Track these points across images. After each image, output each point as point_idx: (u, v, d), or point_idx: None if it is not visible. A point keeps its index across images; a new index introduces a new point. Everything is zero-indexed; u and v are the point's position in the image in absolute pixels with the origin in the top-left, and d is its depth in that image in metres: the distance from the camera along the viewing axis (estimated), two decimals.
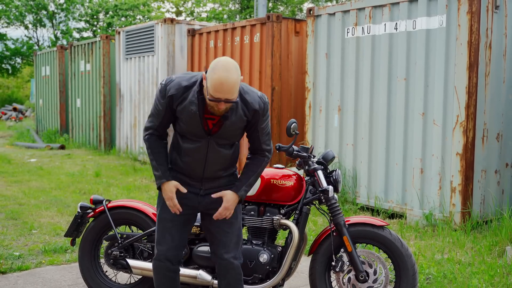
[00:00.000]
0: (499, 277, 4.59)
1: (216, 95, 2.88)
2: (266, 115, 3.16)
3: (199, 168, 3.16)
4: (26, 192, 8.28)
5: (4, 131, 20.22)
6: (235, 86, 2.90)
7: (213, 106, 2.95)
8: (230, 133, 3.11)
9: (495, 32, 6.24)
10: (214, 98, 2.89)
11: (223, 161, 3.18)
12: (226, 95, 2.88)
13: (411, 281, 3.52)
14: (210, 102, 2.94)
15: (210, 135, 3.09)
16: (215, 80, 2.86)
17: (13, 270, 4.82)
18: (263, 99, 3.14)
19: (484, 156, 6.29)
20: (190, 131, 3.10)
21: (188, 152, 3.14)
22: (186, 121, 3.06)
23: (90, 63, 14.11)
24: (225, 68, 2.87)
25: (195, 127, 3.06)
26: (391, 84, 6.86)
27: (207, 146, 3.10)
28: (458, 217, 6.12)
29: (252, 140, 3.23)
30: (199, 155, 3.12)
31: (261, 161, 3.25)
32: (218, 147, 3.12)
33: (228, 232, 3.23)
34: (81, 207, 4.05)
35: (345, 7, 7.40)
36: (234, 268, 3.24)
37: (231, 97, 2.90)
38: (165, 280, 3.31)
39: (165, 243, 3.24)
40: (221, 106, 2.93)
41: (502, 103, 6.41)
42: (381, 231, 3.58)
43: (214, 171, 3.18)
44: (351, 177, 7.32)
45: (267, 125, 3.20)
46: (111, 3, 35.69)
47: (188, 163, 3.16)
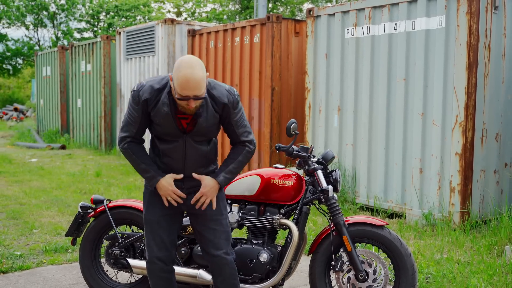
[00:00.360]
0: (498, 276, 4.59)
1: (184, 92, 2.90)
2: (237, 108, 3.15)
3: (179, 167, 3.16)
4: (27, 192, 8.28)
5: (5, 131, 20.23)
6: (201, 82, 2.91)
7: (183, 105, 2.97)
8: (205, 129, 3.11)
9: (494, 32, 6.24)
10: (182, 96, 2.91)
11: (202, 158, 3.17)
12: (193, 91, 2.90)
13: (410, 281, 3.52)
14: (179, 101, 2.95)
15: (186, 134, 3.09)
16: (181, 78, 2.88)
17: (14, 269, 4.82)
18: (232, 92, 3.14)
19: (483, 156, 6.29)
20: (165, 132, 3.10)
21: (167, 152, 3.14)
22: (160, 123, 3.07)
23: (90, 63, 14.11)
24: (189, 65, 2.89)
25: (169, 127, 3.07)
26: (391, 85, 6.86)
27: (184, 144, 3.11)
28: (457, 217, 6.12)
29: (229, 133, 3.25)
30: (177, 154, 3.13)
31: (241, 149, 3.24)
32: (195, 144, 3.13)
33: (215, 229, 3.22)
34: (82, 207, 4.05)
35: (344, 7, 7.40)
36: (227, 263, 3.23)
37: (199, 93, 2.92)
38: (160, 282, 3.29)
39: (155, 245, 3.23)
40: (191, 104, 2.94)
41: (501, 103, 6.41)
42: (381, 230, 3.58)
43: (194, 168, 3.17)
44: (351, 177, 7.32)
45: (240, 118, 3.19)
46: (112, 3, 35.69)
47: (167, 164, 3.17)
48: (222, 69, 9.63)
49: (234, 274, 3.28)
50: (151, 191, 3.24)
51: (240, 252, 3.63)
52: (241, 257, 3.62)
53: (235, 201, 3.77)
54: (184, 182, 3.20)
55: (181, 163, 3.15)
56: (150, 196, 3.25)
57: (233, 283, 3.29)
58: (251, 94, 9.08)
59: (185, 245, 3.76)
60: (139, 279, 4.07)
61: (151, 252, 3.25)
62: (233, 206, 3.73)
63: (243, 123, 3.22)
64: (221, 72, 9.64)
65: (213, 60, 9.85)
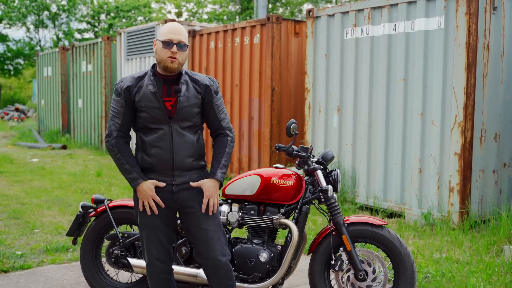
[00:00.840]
0: (497, 275, 4.59)
1: (168, 36, 3.04)
2: (218, 94, 3.24)
3: (168, 156, 3.12)
4: (28, 192, 8.28)
5: (6, 131, 20.23)
6: (184, 31, 3.10)
7: (166, 58, 3.05)
8: (188, 111, 3.12)
9: (493, 33, 6.24)
10: (167, 39, 3.04)
11: (189, 147, 3.15)
12: (177, 35, 3.05)
13: (409, 280, 3.52)
14: (164, 51, 3.04)
15: (171, 119, 3.10)
16: (166, 26, 3.09)
17: (15, 269, 4.82)
18: (212, 78, 3.27)
19: (482, 156, 6.29)
20: (151, 117, 3.11)
21: (154, 143, 3.13)
22: (147, 106, 3.09)
23: (91, 64, 14.11)
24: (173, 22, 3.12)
25: (156, 110, 3.09)
26: (390, 85, 6.86)
27: (170, 131, 3.11)
28: (456, 217, 6.12)
29: (211, 120, 3.25)
30: (165, 143, 3.11)
31: (225, 141, 3.26)
32: (181, 130, 3.13)
33: (208, 230, 3.17)
34: (83, 207, 4.05)
35: (344, 8, 7.40)
36: (222, 266, 3.19)
37: (182, 39, 3.07)
38: (160, 283, 3.27)
39: (154, 247, 3.21)
40: (174, 50, 3.04)
41: (500, 103, 6.41)
42: (380, 230, 3.58)
43: (183, 158, 3.14)
44: (350, 176, 7.32)
45: (221, 103, 3.26)
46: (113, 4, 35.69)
47: (156, 155, 3.13)
48: (222, 69, 9.63)
49: (230, 276, 3.23)
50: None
51: (240, 252, 3.63)
52: (241, 257, 3.62)
53: (235, 201, 3.77)
54: (174, 178, 3.16)
55: (169, 152, 3.12)
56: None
57: (229, 284, 3.24)
58: (251, 94, 9.08)
59: (185, 245, 3.75)
60: (139, 279, 4.07)
61: (150, 255, 3.22)
62: (233, 205, 3.73)
63: (224, 109, 3.28)
64: (221, 72, 9.64)
65: (213, 60, 9.85)
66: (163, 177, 3.16)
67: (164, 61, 3.06)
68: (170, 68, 3.07)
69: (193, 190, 3.19)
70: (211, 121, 3.25)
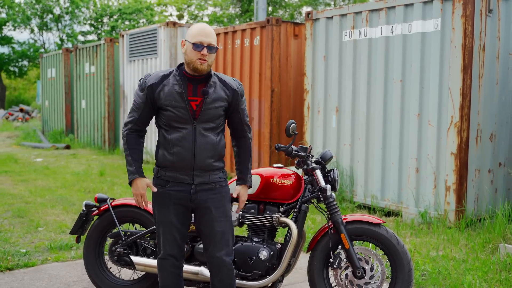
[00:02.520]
0: (493, 273, 4.59)
1: (199, 38, 3.03)
2: (243, 97, 3.27)
3: (189, 156, 3.12)
4: (33, 191, 8.28)
5: (11, 132, 20.22)
6: (213, 33, 3.09)
7: (195, 60, 3.04)
8: (212, 113, 3.12)
9: (489, 35, 6.24)
10: (197, 42, 3.02)
11: (211, 148, 3.15)
12: (207, 38, 3.04)
13: (406, 277, 3.52)
14: (194, 53, 3.03)
15: (195, 119, 3.10)
16: (196, 27, 3.08)
17: (19, 266, 4.82)
18: (239, 82, 3.28)
19: (478, 156, 6.29)
20: (176, 117, 3.10)
21: (176, 142, 3.12)
22: (173, 105, 3.09)
23: (94, 65, 14.11)
24: (201, 23, 3.11)
25: (181, 110, 3.09)
26: (388, 86, 6.86)
27: (193, 132, 3.11)
28: (453, 215, 6.12)
29: (236, 123, 3.29)
30: (187, 143, 3.11)
31: (247, 145, 3.36)
32: (204, 132, 3.13)
33: (218, 231, 3.21)
34: (86, 205, 4.05)
35: (342, 11, 7.40)
36: (226, 265, 3.23)
37: (212, 42, 3.06)
38: (170, 277, 3.29)
39: (168, 244, 3.23)
40: (204, 52, 3.03)
41: (495, 104, 6.41)
42: (378, 228, 3.58)
43: (204, 158, 3.14)
44: (349, 176, 7.32)
45: (245, 107, 3.31)
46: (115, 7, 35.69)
47: (177, 154, 3.13)
48: (223, 71, 9.63)
49: (231, 275, 3.28)
50: (162, 192, 3.22)
51: (240, 250, 3.63)
52: (241, 255, 3.62)
53: (236, 200, 3.76)
54: (194, 178, 3.16)
55: (190, 152, 3.11)
56: (162, 198, 3.23)
57: (230, 283, 3.28)
58: (251, 95, 9.08)
59: (187, 243, 3.75)
60: (141, 276, 4.07)
61: (164, 250, 3.26)
62: (234, 204, 3.72)
63: (247, 113, 3.33)
64: (222, 73, 9.62)
65: (214, 62, 9.83)
66: (183, 176, 3.17)
67: (194, 62, 3.06)
68: (199, 70, 3.07)
69: (211, 192, 3.20)
70: (236, 123, 3.30)
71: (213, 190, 3.20)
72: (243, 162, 3.35)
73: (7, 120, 25.58)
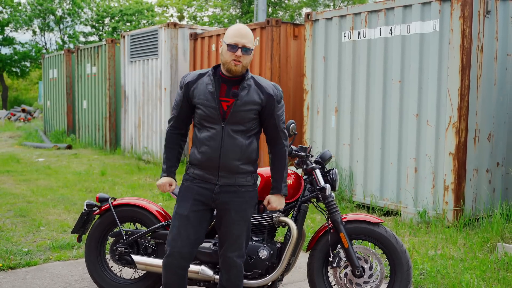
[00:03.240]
0: (491, 272, 4.59)
1: (234, 39, 3.04)
2: (281, 103, 3.22)
3: (215, 156, 3.11)
4: (34, 191, 8.28)
5: (13, 132, 20.22)
6: (250, 35, 3.09)
7: (230, 61, 3.04)
8: (242, 115, 3.10)
9: (487, 36, 6.24)
10: (232, 43, 3.03)
11: (238, 150, 3.12)
12: (243, 39, 3.04)
13: (405, 276, 3.52)
14: (229, 54, 3.04)
15: (224, 120, 3.10)
16: (233, 28, 3.10)
17: (22, 265, 4.82)
18: (277, 87, 3.24)
19: (476, 156, 6.29)
20: (207, 115, 3.11)
21: (205, 141, 3.13)
22: (204, 104, 3.11)
23: (96, 66, 14.11)
24: (239, 24, 3.13)
25: (211, 109, 3.09)
26: (386, 86, 6.86)
27: (222, 132, 3.10)
28: (451, 215, 6.12)
29: (270, 128, 3.23)
30: (215, 142, 3.11)
31: (284, 152, 3.29)
32: (232, 134, 3.11)
33: (234, 234, 3.21)
34: (88, 205, 4.05)
35: (342, 12, 7.40)
36: (236, 266, 3.25)
37: (248, 43, 3.05)
38: (175, 278, 3.23)
39: (181, 240, 3.16)
40: (238, 53, 3.03)
41: (493, 104, 6.41)
42: (377, 228, 3.58)
43: (230, 160, 3.12)
44: (348, 176, 7.32)
45: (283, 113, 3.25)
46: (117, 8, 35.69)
47: (204, 153, 3.14)
48: None
49: (240, 276, 3.30)
50: (186, 186, 3.22)
51: None
52: None
53: None
54: (219, 178, 3.15)
55: (217, 152, 3.11)
56: (185, 191, 3.22)
57: (237, 284, 3.30)
58: None
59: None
60: (142, 275, 4.07)
61: (174, 246, 3.17)
62: None
63: (284, 118, 3.28)
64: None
65: (214, 62, 9.84)
66: (209, 175, 3.17)
67: (228, 63, 3.06)
68: (233, 71, 3.08)
69: (233, 194, 3.18)
70: (270, 129, 3.25)
71: (237, 193, 3.18)
72: (277, 171, 3.28)
73: (9, 120, 25.57)
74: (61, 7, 35.54)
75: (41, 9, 35.09)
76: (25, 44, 36.55)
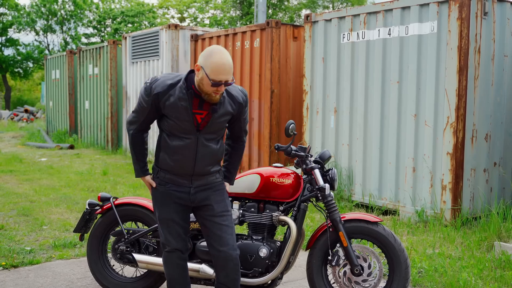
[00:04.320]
0: (488, 270, 4.59)
1: (219, 77, 2.91)
2: (247, 106, 3.27)
3: (189, 165, 3.13)
4: (37, 190, 8.28)
5: (16, 132, 20.22)
6: (232, 68, 3.00)
7: (210, 93, 2.97)
8: (217, 126, 3.13)
9: (484, 37, 6.24)
10: (216, 81, 2.92)
11: (211, 156, 3.16)
12: (227, 76, 2.94)
13: (403, 275, 3.52)
14: (211, 88, 2.94)
15: (199, 131, 3.09)
16: (216, 63, 2.91)
17: (24, 264, 4.82)
18: (244, 92, 3.24)
19: (473, 156, 6.29)
20: (180, 128, 3.08)
21: (178, 150, 3.11)
22: (177, 117, 3.05)
23: (98, 67, 14.11)
24: (220, 51, 2.96)
25: (185, 122, 3.05)
26: (385, 87, 6.86)
27: (196, 142, 3.09)
28: (449, 214, 6.12)
29: (236, 130, 3.31)
30: (189, 152, 3.10)
31: (243, 148, 3.39)
32: (206, 142, 3.12)
33: (222, 225, 3.22)
34: (89, 204, 4.05)
35: (341, 13, 7.40)
36: (232, 259, 3.23)
37: (230, 78, 2.98)
38: (177, 269, 3.30)
39: (173, 238, 3.25)
40: (220, 89, 2.97)
41: (490, 105, 6.41)
42: (375, 227, 3.58)
43: (203, 166, 3.16)
44: (347, 175, 7.32)
45: (247, 116, 3.32)
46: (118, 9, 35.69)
47: (178, 161, 3.13)
48: None
49: (237, 270, 3.28)
50: (162, 192, 3.23)
51: (241, 247, 3.62)
52: (242, 252, 3.61)
53: (236, 199, 3.76)
54: (192, 182, 3.19)
55: (191, 161, 3.12)
56: (162, 197, 3.23)
57: (235, 278, 3.29)
58: (251, 96, 9.08)
59: (188, 241, 3.75)
60: (144, 273, 4.07)
61: (170, 245, 3.26)
62: (234, 203, 3.72)
63: (247, 119, 3.34)
64: None
65: None
66: (182, 180, 3.19)
67: (209, 95, 2.99)
68: (213, 101, 3.03)
69: (210, 190, 3.23)
70: (236, 130, 3.31)
71: (212, 188, 3.25)
72: (233, 164, 3.39)
73: (12, 121, 25.57)
74: (63, 8, 35.54)
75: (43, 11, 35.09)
76: (28, 45, 36.56)
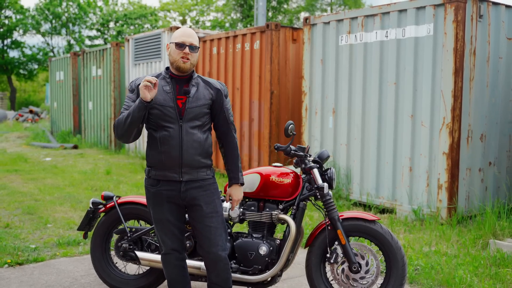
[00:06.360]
0: (483, 268, 4.59)
1: (182, 39, 3.09)
2: (227, 97, 3.30)
3: (177, 154, 3.12)
4: (42, 189, 8.28)
5: (21, 132, 20.21)
6: (195, 35, 3.16)
7: (178, 59, 3.09)
8: (197, 110, 3.14)
9: (479, 39, 6.24)
10: (180, 42, 3.08)
11: (198, 145, 3.15)
12: (189, 38, 3.11)
13: (400, 272, 3.52)
14: (177, 52, 3.09)
15: (181, 119, 3.11)
16: (179, 30, 3.15)
17: (29, 261, 4.82)
18: (222, 83, 3.32)
19: (469, 155, 6.29)
20: (164, 116, 3.10)
21: (164, 141, 3.12)
22: (161, 103, 3.10)
23: (101, 68, 14.11)
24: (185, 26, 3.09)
25: (168, 108, 3.10)
26: (382, 88, 6.86)
27: (180, 130, 3.12)
28: (445, 212, 6.12)
29: (221, 122, 3.28)
30: (174, 140, 3.12)
31: (235, 143, 3.35)
32: (190, 130, 3.13)
33: (211, 227, 3.20)
34: (93, 203, 4.05)
35: (339, 16, 7.40)
36: (221, 259, 3.23)
37: (194, 42, 3.12)
38: (176, 270, 3.31)
39: (168, 239, 3.25)
40: (186, 51, 3.08)
41: (485, 105, 6.41)
42: (373, 225, 3.58)
43: (191, 155, 3.14)
44: (345, 175, 7.32)
45: (230, 107, 3.33)
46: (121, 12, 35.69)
47: (165, 152, 3.13)
48: (224, 74, 9.63)
49: (227, 269, 3.28)
50: (154, 192, 3.22)
51: (241, 245, 3.63)
52: (242, 250, 3.62)
53: None
54: (182, 175, 3.16)
55: (178, 149, 3.12)
56: (154, 198, 3.23)
57: (226, 277, 3.29)
58: (251, 97, 9.08)
59: (189, 239, 3.75)
60: (146, 271, 4.07)
61: (166, 246, 3.26)
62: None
63: (231, 113, 3.35)
64: (224, 76, 9.64)
65: (216, 65, 9.85)
66: (172, 173, 3.16)
67: (177, 61, 3.10)
68: (182, 68, 3.12)
69: (200, 189, 3.20)
70: (221, 122, 3.29)
71: (203, 187, 3.21)
72: (231, 161, 3.32)
73: (17, 121, 25.57)
74: (67, 11, 35.54)
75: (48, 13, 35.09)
76: (33, 47, 36.56)
